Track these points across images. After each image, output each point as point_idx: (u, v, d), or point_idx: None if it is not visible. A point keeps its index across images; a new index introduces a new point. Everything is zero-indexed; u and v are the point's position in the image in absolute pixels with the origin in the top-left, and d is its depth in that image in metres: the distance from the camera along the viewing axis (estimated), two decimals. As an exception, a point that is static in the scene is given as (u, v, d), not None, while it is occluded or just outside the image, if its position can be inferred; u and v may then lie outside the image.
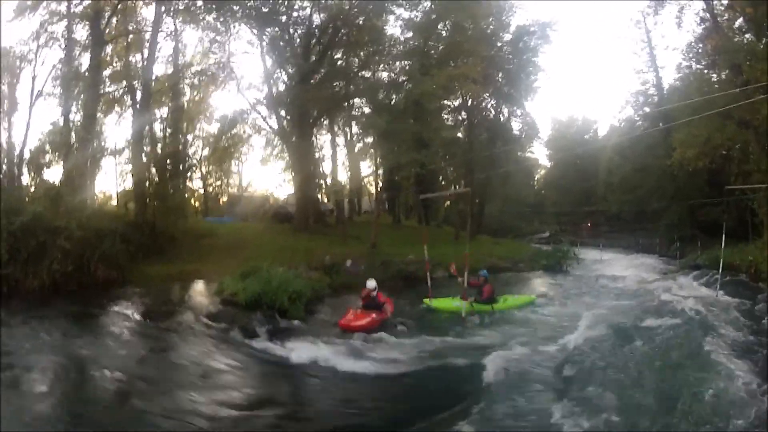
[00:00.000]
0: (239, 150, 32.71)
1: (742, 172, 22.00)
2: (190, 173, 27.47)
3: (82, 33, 22.29)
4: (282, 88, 25.78)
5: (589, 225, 38.33)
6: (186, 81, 26.22)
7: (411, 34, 25.62)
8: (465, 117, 31.88)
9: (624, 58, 44.77)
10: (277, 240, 21.82)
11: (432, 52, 26.03)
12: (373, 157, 28.30)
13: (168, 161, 23.30)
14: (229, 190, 40.21)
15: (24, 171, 22.59)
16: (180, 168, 24.29)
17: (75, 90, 21.84)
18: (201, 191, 36.56)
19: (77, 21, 22.11)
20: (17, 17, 21.73)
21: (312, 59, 24.32)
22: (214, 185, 38.80)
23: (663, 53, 37.32)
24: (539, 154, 48.02)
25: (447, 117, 31.49)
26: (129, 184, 24.33)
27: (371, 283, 12.47)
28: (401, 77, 25.16)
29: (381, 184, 29.95)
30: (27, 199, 18.07)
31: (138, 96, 23.37)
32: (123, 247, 17.17)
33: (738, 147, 22.92)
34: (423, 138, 23.46)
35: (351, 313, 11.94)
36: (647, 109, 33.39)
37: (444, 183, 31.79)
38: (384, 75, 26.35)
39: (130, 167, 23.83)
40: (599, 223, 39.55)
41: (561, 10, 53.07)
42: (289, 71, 25.09)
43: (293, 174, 27.18)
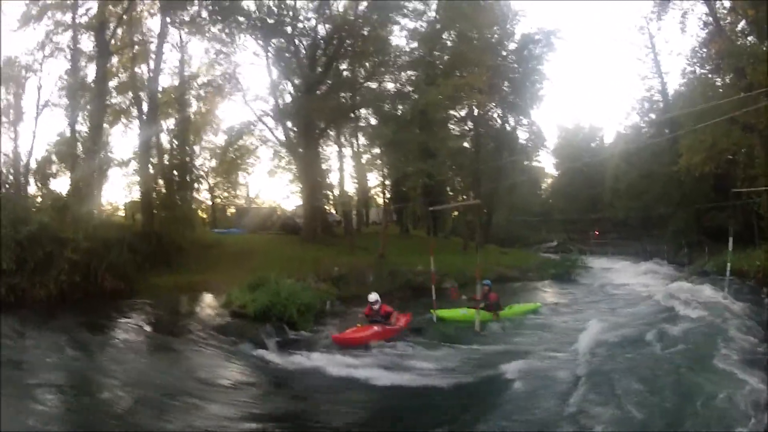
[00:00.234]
0: (246, 161, 32.74)
1: (747, 176, 21.80)
2: (197, 184, 27.47)
3: (87, 44, 22.33)
4: (288, 99, 25.79)
5: (597, 233, 38.16)
6: (192, 92, 26.18)
7: (416, 44, 25.68)
8: (471, 127, 31.95)
9: (628, 64, 44.67)
10: (285, 251, 21.64)
11: (437, 62, 26.17)
12: (381, 168, 28.35)
13: (175, 172, 23.33)
14: (237, 201, 40.12)
15: (30, 181, 22.56)
16: (187, 179, 24.21)
17: (81, 100, 21.83)
18: (208, 203, 36.51)
19: (82, 31, 22.06)
20: (22, 27, 21.66)
21: (318, 70, 24.32)
22: (221, 197, 38.61)
23: (667, 58, 37.25)
24: (546, 162, 48.14)
25: (453, 127, 31.45)
26: (136, 194, 24.46)
27: (373, 296, 12.30)
28: (407, 87, 25.18)
29: (389, 194, 29.92)
30: (33, 209, 17.78)
31: (144, 107, 23.39)
32: (130, 258, 17.10)
33: (743, 151, 22.74)
34: (430, 148, 23.42)
35: (354, 327, 11.79)
36: (653, 116, 33.41)
37: (451, 193, 31.67)
38: (390, 85, 26.25)
39: (137, 178, 23.90)
40: (606, 231, 39.44)
41: (564, 17, 53.25)
42: (295, 82, 25.14)
43: (300, 185, 27.20)
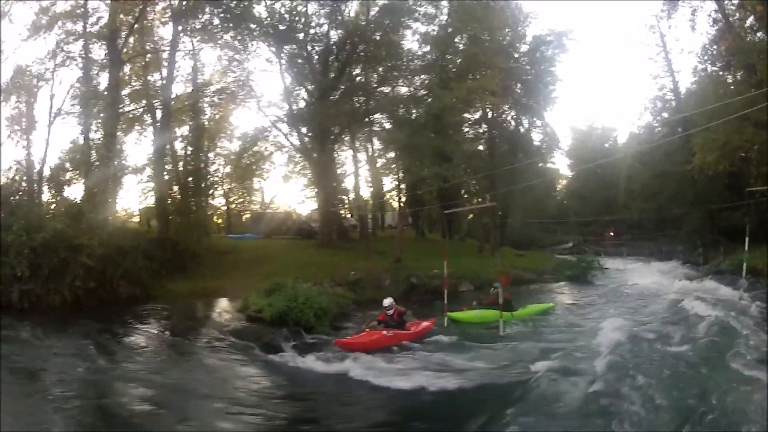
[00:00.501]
0: (261, 167, 32.82)
1: (761, 174, 21.65)
2: (212, 191, 27.55)
3: (99, 53, 22.38)
4: (302, 104, 25.87)
5: (612, 234, 37.91)
6: (206, 99, 26.20)
7: (428, 48, 25.74)
8: (485, 130, 31.86)
9: (640, 63, 44.22)
10: (301, 256, 21.70)
11: (450, 65, 26.14)
12: (396, 172, 28.31)
13: (190, 179, 23.45)
14: (252, 207, 40.20)
15: (44, 189, 22.53)
16: (202, 185, 24.30)
17: (94, 109, 21.86)
18: (224, 208, 36.78)
19: (94, 41, 22.11)
20: (32, 36, 21.58)
21: (331, 76, 24.43)
22: (236, 202, 38.90)
23: (679, 57, 36.98)
24: (560, 164, 47.96)
25: (468, 130, 31.50)
26: (151, 201, 24.53)
27: (387, 301, 12.07)
28: (421, 91, 25.21)
29: (404, 198, 29.88)
30: (47, 216, 17.78)
31: (158, 115, 23.55)
32: (146, 264, 17.23)
33: (756, 149, 22.66)
34: (444, 152, 23.43)
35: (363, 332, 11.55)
36: (665, 115, 33.13)
37: (466, 196, 31.59)
38: (403, 89, 26.36)
39: (151, 185, 23.96)
40: (622, 232, 39.18)
41: (575, 17, 53.07)
42: (309, 88, 25.18)
43: (316, 190, 27.23)
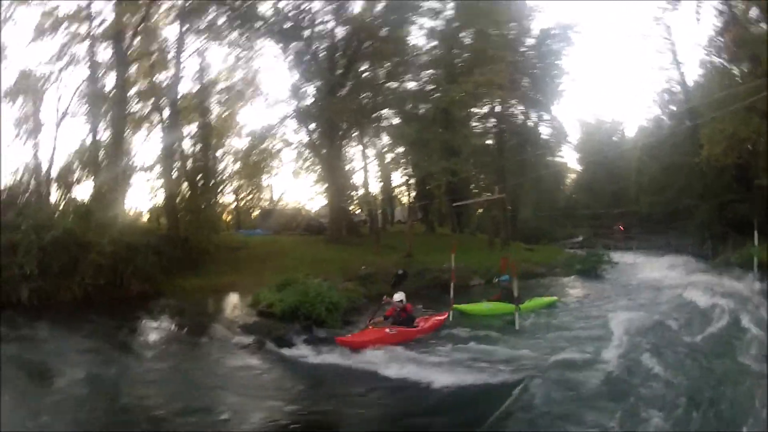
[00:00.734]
0: (269, 164, 32.63)
1: (768, 166, 21.63)
2: (221, 188, 27.66)
3: (105, 54, 22.36)
4: (309, 101, 25.78)
5: (621, 227, 37.71)
6: (213, 98, 26.20)
7: (435, 43, 25.72)
8: (494, 124, 31.69)
9: (647, 56, 43.90)
10: (311, 251, 21.77)
11: (457, 60, 26.09)
12: (405, 167, 28.34)
13: (198, 176, 23.54)
14: (261, 203, 40.14)
15: (52, 190, 22.60)
16: (211, 183, 24.40)
17: (101, 109, 22.01)
18: (233, 205, 36.77)
19: (99, 41, 22.10)
20: (36, 39, 21.60)
21: (338, 72, 24.49)
22: (245, 199, 38.90)
23: (685, 49, 36.85)
24: (569, 158, 47.45)
25: (476, 125, 31.34)
26: (160, 199, 24.61)
27: (397, 296, 11.47)
28: (428, 86, 25.22)
29: (413, 193, 29.92)
30: (56, 215, 18.02)
31: (165, 114, 23.65)
32: (156, 261, 17.33)
33: (763, 140, 22.57)
34: (453, 146, 23.42)
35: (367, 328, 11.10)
36: (673, 107, 32.96)
37: (476, 191, 31.56)
38: (411, 85, 26.28)
39: (160, 183, 24.06)
40: (631, 225, 38.92)
41: (580, 11, 52.73)
42: (316, 84, 25.19)
43: (325, 186, 27.32)
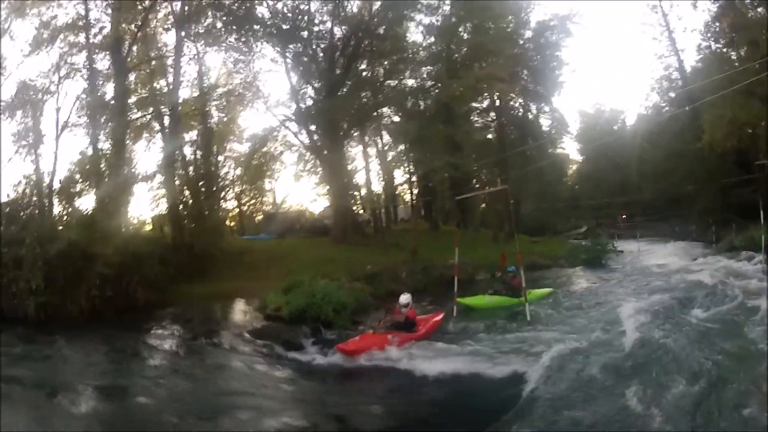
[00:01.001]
0: (271, 168, 32.80)
1: (768, 149, 21.66)
2: (223, 193, 27.63)
3: (103, 63, 22.27)
4: (310, 102, 25.82)
5: (624, 216, 37.69)
6: (213, 103, 26.26)
7: (433, 39, 25.65)
8: (494, 118, 31.73)
9: (645, 44, 43.71)
10: (316, 253, 21.72)
11: (456, 55, 26.01)
12: (407, 164, 28.28)
13: (201, 183, 23.51)
14: (264, 207, 40.03)
15: (55, 201, 22.59)
16: (213, 189, 24.38)
17: (102, 119, 21.84)
18: (236, 210, 36.75)
19: (97, 51, 22.02)
20: (34, 51, 21.53)
21: (337, 72, 24.43)
22: (248, 204, 38.88)
23: (682, 35, 36.57)
24: (570, 149, 47.64)
25: (477, 119, 31.44)
26: (163, 207, 24.53)
27: (404, 298, 11.12)
28: (428, 82, 25.17)
29: (417, 190, 29.87)
30: (60, 228, 17.84)
31: (166, 121, 23.62)
32: (162, 270, 17.30)
33: (763, 124, 22.68)
34: (455, 141, 23.37)
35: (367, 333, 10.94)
36: (672, 94, 32.93)
37: (478, 186, 31.55)
38: (410, 82, 26.27)
39: (163, 191, 24.00)
40: (635, 213, 38.92)
41: (577, 1, 52.26)
42: (315, 85, 25.23)
43: (328, 187, 27.27)
